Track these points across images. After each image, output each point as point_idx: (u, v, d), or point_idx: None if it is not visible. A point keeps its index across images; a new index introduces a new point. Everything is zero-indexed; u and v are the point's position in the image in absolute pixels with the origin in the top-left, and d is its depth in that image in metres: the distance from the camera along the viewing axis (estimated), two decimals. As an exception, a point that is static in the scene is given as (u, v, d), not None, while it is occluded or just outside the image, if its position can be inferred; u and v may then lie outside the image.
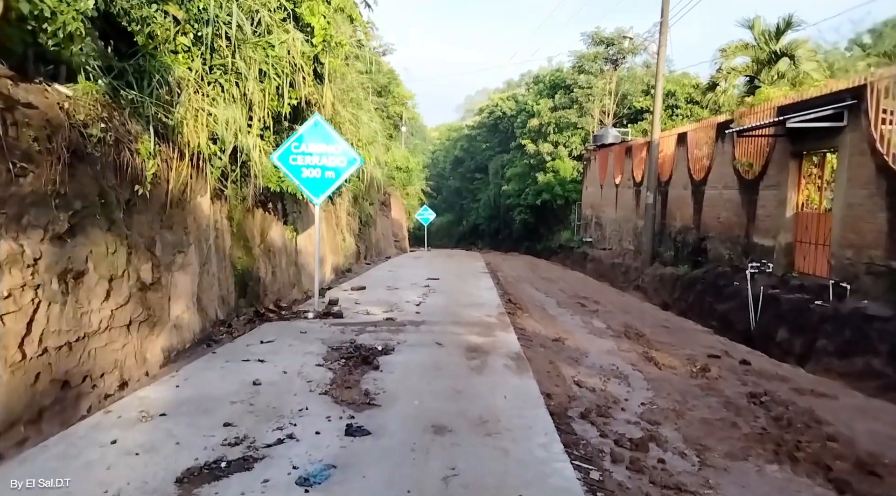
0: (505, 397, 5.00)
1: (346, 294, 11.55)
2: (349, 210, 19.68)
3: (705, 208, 15.01)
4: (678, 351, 8.02)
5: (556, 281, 17.77)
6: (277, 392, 5.02)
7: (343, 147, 9.27)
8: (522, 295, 13.11)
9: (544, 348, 7.53)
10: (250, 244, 9.70)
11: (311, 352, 6.37)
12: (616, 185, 23.63)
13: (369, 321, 8.42)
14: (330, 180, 9.24)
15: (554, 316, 10.60)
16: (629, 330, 9.38)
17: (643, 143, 20.78)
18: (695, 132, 16.14)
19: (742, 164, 12.81)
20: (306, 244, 12.82)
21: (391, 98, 39.15)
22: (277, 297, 10.42)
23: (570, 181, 35.42)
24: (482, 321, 8.60)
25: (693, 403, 5.59)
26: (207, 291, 7.53)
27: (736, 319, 12.10)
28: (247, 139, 7.79)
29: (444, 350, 6.64)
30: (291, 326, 7.98)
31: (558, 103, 37.42)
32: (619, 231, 23.19)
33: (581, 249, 28.20)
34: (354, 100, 14.42)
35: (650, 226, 18.02)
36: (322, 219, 14.93)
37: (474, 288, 12.84)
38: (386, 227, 29.48)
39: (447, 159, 62.60)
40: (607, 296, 14.40)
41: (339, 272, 16.45)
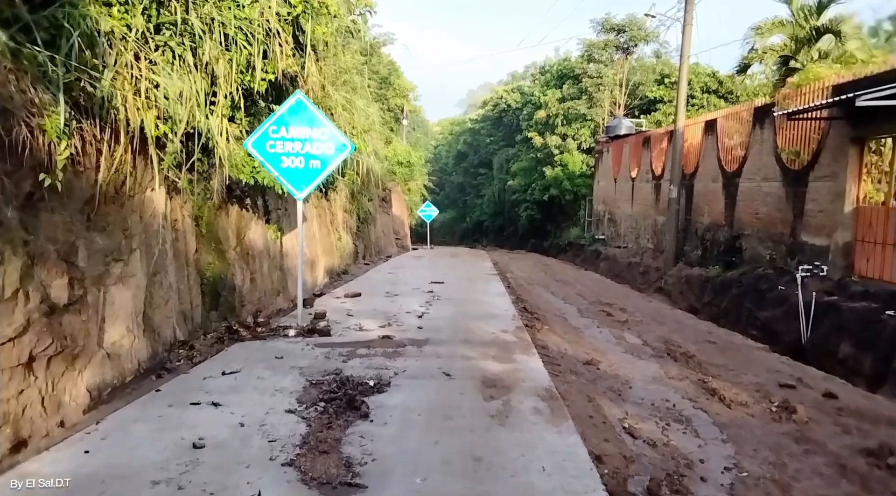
0: (543, 469, 3.55)
1: (339, 302, 10.10)
2: (346, 206, 18.24)
3: (740, 203, 13.53)
4: (740, 378, 6.56)
5: (571, 283, 16.30)
6: (223, 462, 3.58)
7: (330, 131, 7.82)
8: (538, 301, 11.65)
9: (576, 376, 6.07)
10: (223, 247, 8.27)
11: (282, 390, 4.92)
12: (632, 178, 22.13)
13: (362, 340, 6.97)
14: (315, 171, 7.79)
15: (578, 328, 9.14)
16: (671, 347, 7.92)
17: (664, 133, 19.28)
18: (726, 119, 14.65)
19: (787, 152, 11.33)
20: (293, 245, 11.38)
21: (392, 90, 37.74)
22: (257, 308, 8.98)
23: (579, 175, 33.89)
24: (497, 339, 7.14)
25: (794, 467, 4.14)
26: (160, 308, 6.08)
27: (783, 329, 10.63)
28: (209, 119, 6.33)
29: (454, 385, 5.19)
30: (267, 348, 6.53)
31: (566, 94, 35.87)
32: (636, 228, 21.70)
33: (593, 247, 26.70)
34: (349, 83, 12.96)
35: (674, 222, 16.54)
36: (314, 216, 13.47)
37: (484, 293, 11.38)
38: (386, 224, 28.01)
39: (450, 154, 61.06)
40: (633, 302, 12.93)
41: (333, 274, 15.02)
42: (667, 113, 31.03)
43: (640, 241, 21.21)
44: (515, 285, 14.80)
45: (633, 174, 22.04)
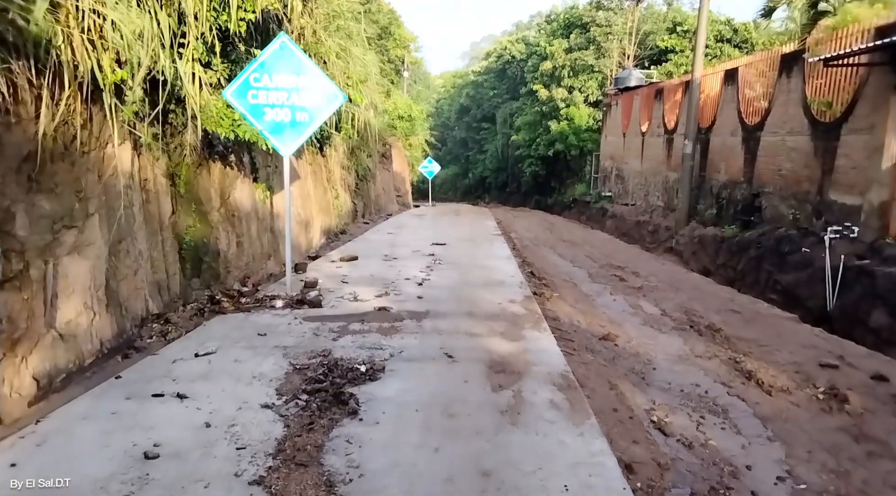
0: (566, 488, 2.92)
1: (334, 267, 9.45)
2: (344, 163, 17.43)
3: (761, 158, 12.70)
4: (774, 355, 5.93)
5: (579, 244, 15.61)
6: (177, 479, 2.95)
7: (320, 79, 6.99)
8: (545, 265, 10.99)
9: (593, 355, 5.44)
10: (205, 208, 7.56)
11: (260, 378, 4.29)
12: (642, 132, 21.18)
13: (356, 312, 6.33)
14: (303, 124, 7.00)
15: (590, 296, 8.49)
16: (693, 317, 7.29)
17: (678, 84, 18.26)
18: (748, 68, 13.67)
19: (817, 103, 10.46)
20: (283, 206, 10.68)
21: (392, 41, 36.34)
22: (245, 274, 8.33)
23: (585, 130, 32.77)
24: (505, 311, 6.49)
25: (860, 476, 3.52)
26: (128, 279, 5.42)
27: (806, 294, 9.97)
28: (178, 64, 5.54)
29: (458, 370, 4.56)
30: (250, 322, 5.89)
31: (573, 44, 34.42)
32: (645, 185, 20.87)
33: (599, 204, 25.87)
34: (343, 29, 11.99)
35: (687, 179, 15.71)
36: (308, 174, 12.68)
37: (488, 256, 10.71)
38: (387, 181, 27.18)
39: (452, 108, 59.47)
40: (646, 265, 12.25)
41: (331, 235, 14.35)
42: (678, 63, 29.76)
43: (649, 198, 20.41)
44: (521, 246, 14.13)
45: (644, 128, 21.08)
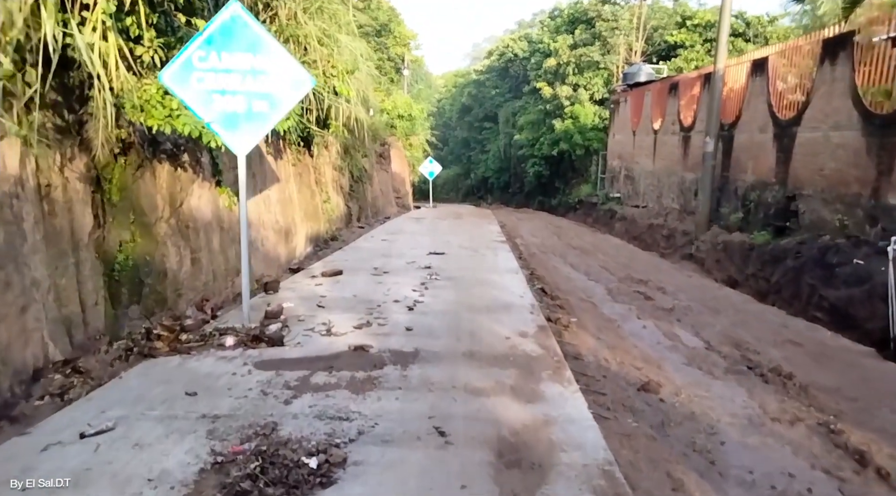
0: None
1: (313, 285, 8.08)
2: (336, 163, 16.08)
3: (797, 157, 11.29)
4: (875, 417, 4.50)
5: (591, 251, 14.21)
6: None
7: (282, 59, 5.62)
8: (557, 278, 9.61)
9: (633, 417, 4.06)
10: (148, 219, 6.20)
11: (158, 482, 2.91)
12: (654, 130, 19.79)
13: (324, 354, 4.95)
14: (261, 116, 5.63)
15: (614, 320, 7.11)
16: (747, 354, 5.91)
17: (696, 78, 16.86)
18: (780, 56, 12.27)
19: (871, 93, 9.07)
20: (261, 212, 9.30)
21: (392, 38, 35.13)
22: (203, 296, 6.96)
23: (591, 128, 31.40)
24: (515, 349, 5.12)
25: None
26: (8, 320, 4.04)
27: (861, 314, 8.55)
28: (79, 31, 4.16)
29: (452, 463, 3.15)
30: (184, 371, 4.51)
31: (578, 40, 33.04)
32: (658, 186, 19.47)
33: (607, 206, 24.46)
34: (327, 11, 10.59)
35: (708, 180, 14.31)
36: (291, 176, 11.29)
37: (492, 269, 9.33)
38: (385, 182, 25.82)
39: (453, 107, 58.11)
40: (670, 278, 10.84)
41: (319, 242, 13.00)
42: (689, 58, 28.40)
43: (662, 200, 19.01)
44: (527, 254, 12.75)
45: (656, 126, 19.69)
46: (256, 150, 9.26)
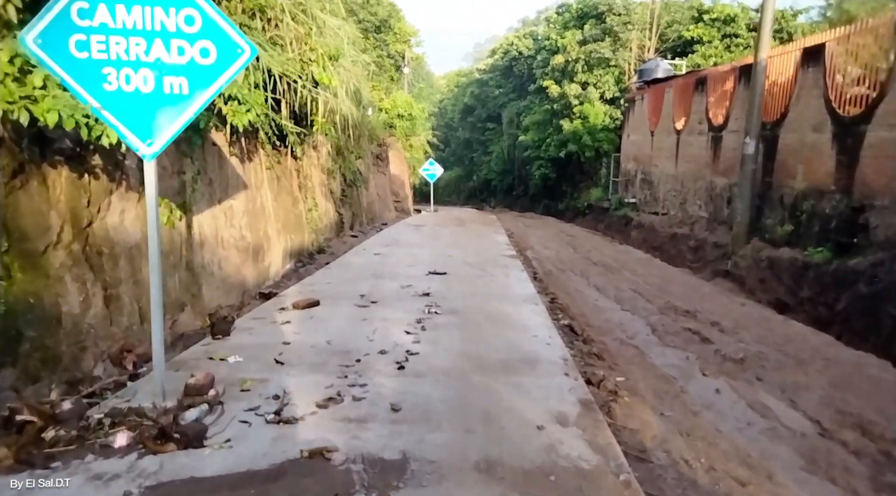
0: None
1: (278, 323, 6.30)
2: (326, 166, 14.33)
3: (866, 160, 9.52)
4: None
5: (614, 267, 12.40)
6: None
7: (210, 17, 3.84)
8: (585, 307, 7.82)
9: None
10: (35, 245, 4.43)
11: None
12: (677, 130, 18.00)
13: (259, 469, 3.17)
14: (177, 100, 3.84)
15: (675, 381, 5.33)
16: (883, 443, 4.14)
17: (728, 71, 15.06)
18: (840, 43, 10.48)
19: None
20: (219, 228, 7.52)
21: (392, 35, 33.49)
22: (123, 347, 5.17)
23: (601, 129, 29.60)
24: (554, 458, 3.32)
25: None
26: None
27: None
28: None
29: None
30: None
31: (588, 35, 31.26)
32: (682, 191, 17.69)
33: (621, 212, 22.66)
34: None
35: (748, 186, 12.51)
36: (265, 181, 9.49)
37: (505, 296, 7.54)
38: (382, 185, 24.06)
39: (455, 108, 56.41)
40: (717, 306, 9.01)
41: (303, 256, 11.27)
42: (706, 55, 26.54)
43: (687, 207, 17.23)
44: (543, 272, 10.98)
45: (679, 125, 17.91)
46: (214, 151, 7.49)
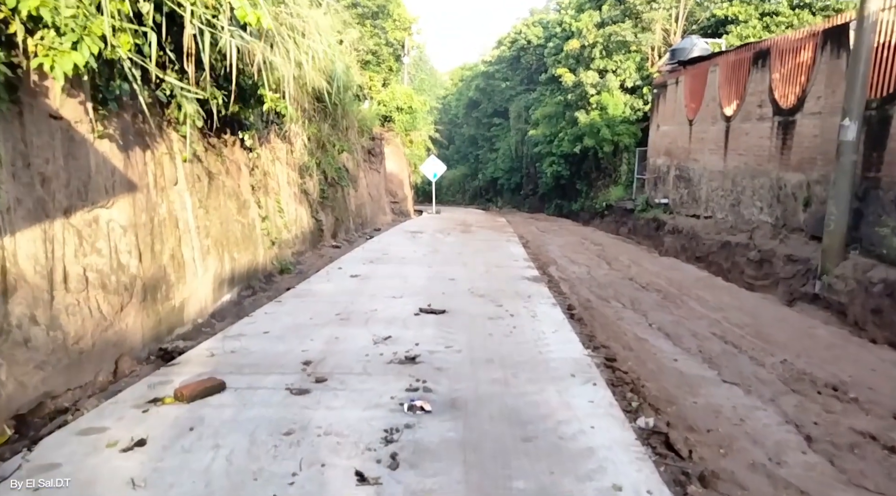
0: None
1: (119, 445, 3.22)
2: (300, 161, 11.33)
3: None
4: None
5: (674, 295, 9.28)
6: None
7: None
8: (663, 380, 4.78)
9: None
10: None
11: None
12: (726, 117, 14.90)
13: None
14: None
15: None
16: None
17: (805, 37, 11.92)
18: None
19: None
20: (50, 258, 4.48)
21: (391, 22, 30.43)
22: None
23: (621, 121, 26.51)
24: None
25: None
26: None
27: None
28: None
29: None
30: None
31: (607, 17, 28.16)
32: (733, 190, 14.60)
33: (649, 214, 19.51)
34: None
35: (846, 182, 9.42)
36: (184, 178, 6.38)
37: (539, 367, 4.52)
38: (376, 185, 21.00)
39: (460, 103, 53.30)
40: (861, 365, 5.93)
41: (256, 280, 8.36)
42: (742, 35, 23.38)
43: (741, 210, 14.12)
44: (579, 304, 7.92)
45: (730, 111, 14.81)
46: (55, 126, 4.43)
